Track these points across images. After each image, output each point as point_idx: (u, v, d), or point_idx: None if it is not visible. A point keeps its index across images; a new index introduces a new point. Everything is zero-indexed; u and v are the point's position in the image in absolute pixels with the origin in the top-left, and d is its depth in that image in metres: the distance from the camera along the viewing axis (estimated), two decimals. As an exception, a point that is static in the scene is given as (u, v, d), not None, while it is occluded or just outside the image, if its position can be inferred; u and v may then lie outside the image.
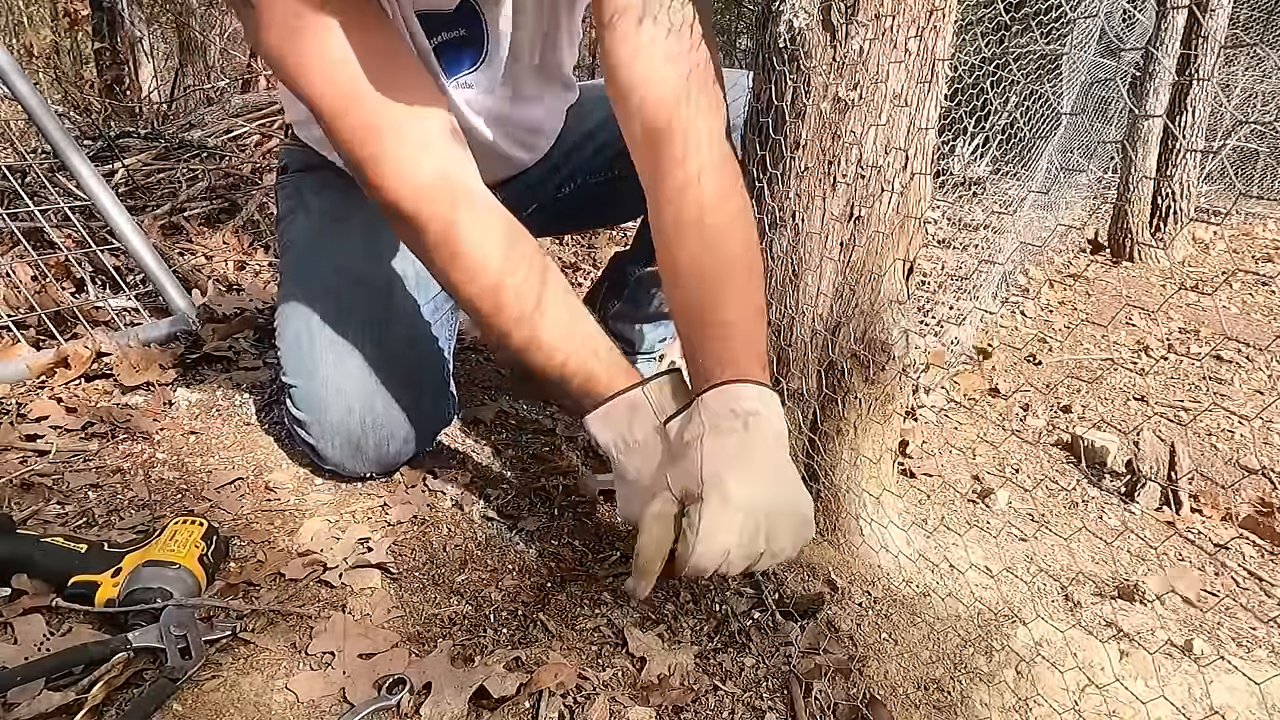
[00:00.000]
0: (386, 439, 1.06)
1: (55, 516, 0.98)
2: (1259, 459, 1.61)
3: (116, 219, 1.59)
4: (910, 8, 0.85)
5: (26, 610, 0.81)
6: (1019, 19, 2.44)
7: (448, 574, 0.96)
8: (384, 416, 1.05)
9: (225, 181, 2.57)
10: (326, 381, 1.05)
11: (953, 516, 1.21)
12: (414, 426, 1.08)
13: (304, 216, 1.21)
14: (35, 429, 1.16)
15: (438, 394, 1.13)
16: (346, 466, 1.07)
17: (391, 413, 1.06)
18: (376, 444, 1.06)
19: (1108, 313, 2.67)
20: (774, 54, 0.89)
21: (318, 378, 1.05)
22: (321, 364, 1.05)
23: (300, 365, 1.07)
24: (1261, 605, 1.14)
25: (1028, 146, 3.01)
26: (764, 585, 0.94)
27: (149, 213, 2.22)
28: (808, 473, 0.98)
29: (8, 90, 1.55)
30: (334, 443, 1.05)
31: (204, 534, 0.88)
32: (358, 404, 1.04)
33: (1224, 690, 0.86)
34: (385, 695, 0.75)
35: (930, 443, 1.49)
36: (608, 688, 0.79)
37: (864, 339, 0.93)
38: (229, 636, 0.81)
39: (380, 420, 1.05)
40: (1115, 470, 1.50)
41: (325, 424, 1.05)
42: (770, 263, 0.95)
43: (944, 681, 0.82)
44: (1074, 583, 1.06)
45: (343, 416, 1.04)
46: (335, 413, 1.04)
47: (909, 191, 0.91)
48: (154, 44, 7.10)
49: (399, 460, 1.10)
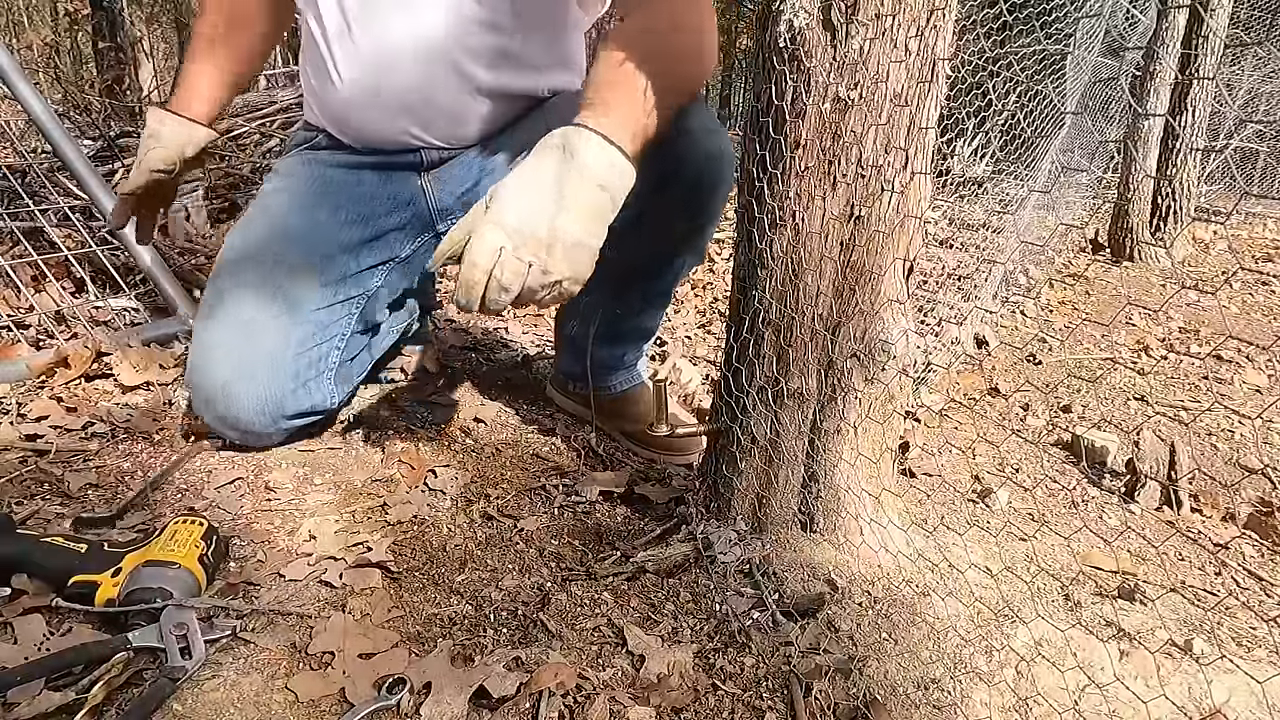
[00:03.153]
0: (237, 404, 1.10)
1: (55, 516, 0.98)
2: (1259, 459, 1.61)
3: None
4: (910, 7, 0.85)
5: (26, 610, 0.81)
6: (1021, 19, 2.44)
7: (448, 574, 0.96)
8: (235, 385, 1.09)
9: (225, 181, 2.57)
10: (201, 334, 1.12)
11: (953, 516, 1.21)
12: (267, 399, 1.11)
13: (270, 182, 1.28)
14: (35, 429, 1.16)
15: (297, 376, 1.13)
16: (207, 420, 1.13)
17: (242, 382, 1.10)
18: (225, 406, 1.10)
19: (1108, 312, 2.67)
20: (774, 54, 0.89)
21: (200, 332, 1.12)
22: (207, 318, 1.13)
23: (200, 317, 1.14)
24: (1261, 605, 1.14)
25: (1029, 146, 3.01)
26: (764, 585, 0.94)
27: (149, 212, 2.22)
28: (807, 473, 0.98)
29: (7, 90, 1.55)
30: (195, 395, 1.12)
31: (204, 534, 0.88)
32: (219, 364, 1.09)
33: (1224, 690, 0.86)
34: (385, 695, 0.75)
35: (930, 443, 1.49)
36: (608, 688, 0.79)
37: (864, 339, 0.93)
38: (229, 636, 0.81)
39: (232, 388, 1.09)
40: (1115, 470, 1.50)
41: (190, 374, 1.12)
42: (770, 262, 0.95)
43: (944, 681, 0.82)
44: (1074, 582, 1.05)
45: (202, 370, 1.10)
46: (196, 362, 1.11)
47: (909, 191, 0.91)
48: (154, 44, 7.10)
49: (254, 428, 1.12)
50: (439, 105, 1.18)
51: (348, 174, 1.23)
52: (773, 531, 1.01)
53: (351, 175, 1.23)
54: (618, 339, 1.35)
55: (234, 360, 1.09)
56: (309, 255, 1.16)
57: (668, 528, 1.06)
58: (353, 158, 1.23)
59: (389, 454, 1.19)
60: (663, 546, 1.02)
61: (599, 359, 1.36)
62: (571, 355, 1.40)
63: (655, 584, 0.96)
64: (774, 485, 1.00)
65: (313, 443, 1.21)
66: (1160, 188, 3.58)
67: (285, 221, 1.18)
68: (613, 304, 1.31)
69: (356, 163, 1.23)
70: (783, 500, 1.00)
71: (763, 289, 0.95)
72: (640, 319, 1.36)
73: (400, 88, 1.16)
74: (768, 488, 1.01)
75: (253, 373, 1.09)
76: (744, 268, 0.99)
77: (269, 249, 1.15)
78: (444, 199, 1.26)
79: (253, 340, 1.10)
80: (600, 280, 1.31)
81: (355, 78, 1.16)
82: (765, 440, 0.99)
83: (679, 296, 2.44)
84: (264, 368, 1.10)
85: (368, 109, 1.18)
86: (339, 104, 1.19)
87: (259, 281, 1.13)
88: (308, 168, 1.24)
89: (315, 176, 1.23)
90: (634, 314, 1.34)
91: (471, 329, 1.90)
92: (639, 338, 1.39)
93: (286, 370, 1.11)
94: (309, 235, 1.17)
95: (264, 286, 1.13)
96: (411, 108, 1.17)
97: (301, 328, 1.13)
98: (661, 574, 0.97)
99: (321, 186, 1.22)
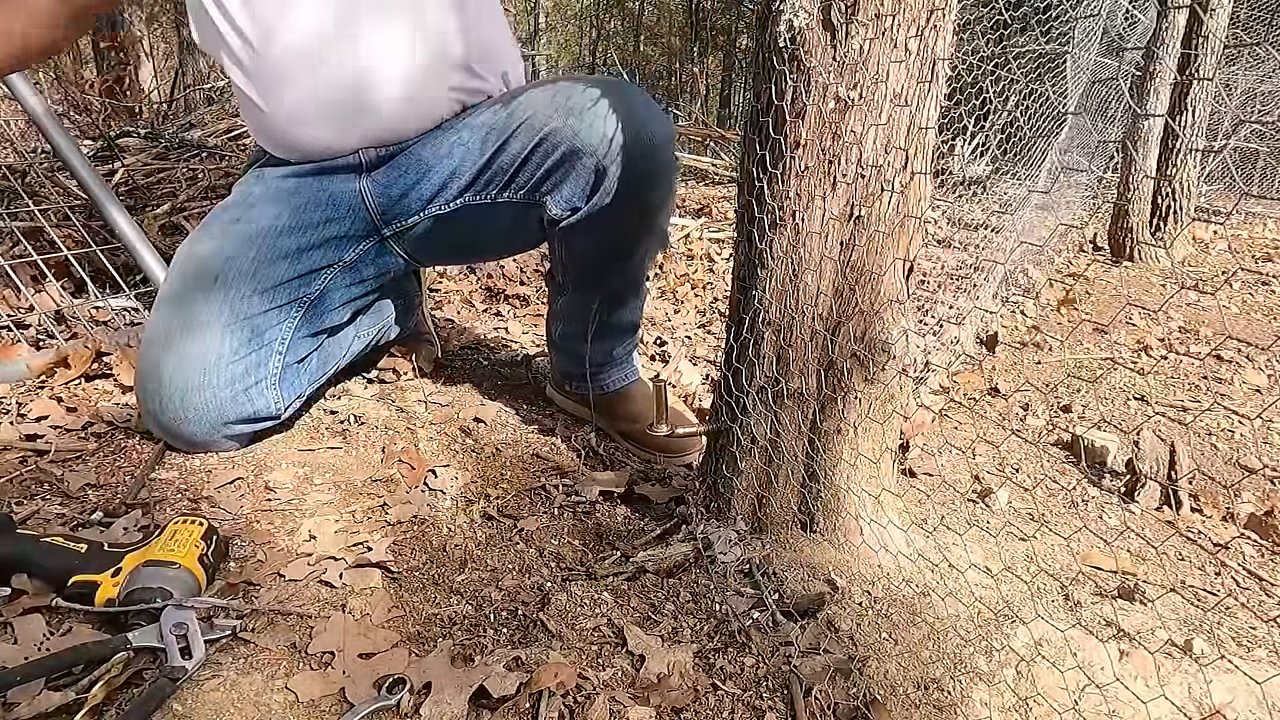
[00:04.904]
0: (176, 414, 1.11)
1: (55, 516, 0.98)
2: (1259, 459, 1.61)
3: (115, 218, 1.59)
4: (910, 7, 0.85)
5: (26, 610, 0.81)
6: (1019, 18, 2.44)
7: (448, 574, 0.96)
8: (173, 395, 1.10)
9: (225, 181, 2.57)
10: (143, 348, 1.13)
11: (953, 516, 1.21)
12: (204, 407, 1.11)
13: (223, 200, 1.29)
14: (35, 429, 1.16)
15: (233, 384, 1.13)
16: (155, 432, 1.15)
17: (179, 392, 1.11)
18: (164, 416, 1.11)
19: (1108, 312, 2.67)
20: (774, 54, 0.89)
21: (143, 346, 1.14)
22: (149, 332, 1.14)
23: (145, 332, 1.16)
24: (1261, 605, 1.14)
25: (1028, 146, 3.01)
26: (764, 585, 0.94)
27: (149, 212, 2.22)
28: (807, 473, 0.99)
29: (7, 90, 1.55)
30: (142, 407, 1.13)
31: (204, 534, 0.88)
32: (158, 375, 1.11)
33: (1224, 690, 0.86)
34: (385, 695, 0.75)
35: (930, 443, 1.49)
36: (608, 688, 0.79)
37: (864, 339, 0.93)
38: (229, 636, 0.81)
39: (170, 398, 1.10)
40: (1115, 470, 1.50)
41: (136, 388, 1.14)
42: (770, 262, 0.95)
43: (944, 681, 0.82)
44: (1074, 582, 1.06)
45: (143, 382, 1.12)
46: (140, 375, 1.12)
47: (909, 191, 0.91)
48: (154, 44, 7.10)
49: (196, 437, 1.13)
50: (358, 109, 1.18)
51: (287, 182, 1.24)
52: (773, 531, 1.01)
53: (291, 183, 1.23)
54: (602, 335, 1.35)
55: (170, 370, 1.10)
56: (245, 263, 1.16)
57: (668, 528, 1.06)
58: (293, 168, 1.24)
59: (389, 454, 1.19)
60: (663, 546, 1.02)
61: (591, 356, 1.36)
62: (563, 357, 1.41)
63: (655, 584, 0.96)
64: (774, 485, 1.00)
65: (313, 442, 1.21)
66: (1160, 188, 3.58)
67: (225, 232, 1.19)
68: (587, 300, 1.31)
69: (295, 172, 1.24)
70: (783, 500, 1.00)
71: (763, 289, 0.95)
72: (619, 312, 1.35)
73: (310, 94, 1.16)
74: (768, 488, 1.01)
75: (187, 382, 1.10)
76: (744, 268, 0.99)
77: (207, 260, 1.16)
78: (383, 202, 1.24)
79: (187, 349, 1.11)
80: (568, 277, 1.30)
81: (273, 96, 1.17)
82: (765, 440, 0.99)
83: (679, 296, 2.44)
84: (197, 376, 1.10)
85: (292, 124, 1.19)
86: (266, 125, 1.21)
87: (194, 291, 1.14)
88: (255, 184, 1.25)
89: (260, 190, 1.24)
90: (610, 307, 1.33)
91: (471, 329, 1.90)
92: (623, 332, 1.38)
93: (221, 377, 1.11)
94: (246, 244, 1.18)
95: (198, 296, 1.14)
96: (328, 112, 1.18)
97: (235, 336, 1.13)
98: (661, 574, 0.97)
99: (262, 197, 1.23)
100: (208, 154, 2.74)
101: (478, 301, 2.17)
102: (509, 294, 2.23)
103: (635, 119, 1.15)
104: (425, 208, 1.24)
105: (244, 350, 1.14)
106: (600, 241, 1.23)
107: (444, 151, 1.22)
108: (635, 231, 1.24)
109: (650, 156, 1.16)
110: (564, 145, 1.15)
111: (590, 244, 1.24)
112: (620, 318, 1.36)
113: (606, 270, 1.29)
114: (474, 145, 1.21)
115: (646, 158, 1.16)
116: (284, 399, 1.19)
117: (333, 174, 1.23)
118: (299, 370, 1.23)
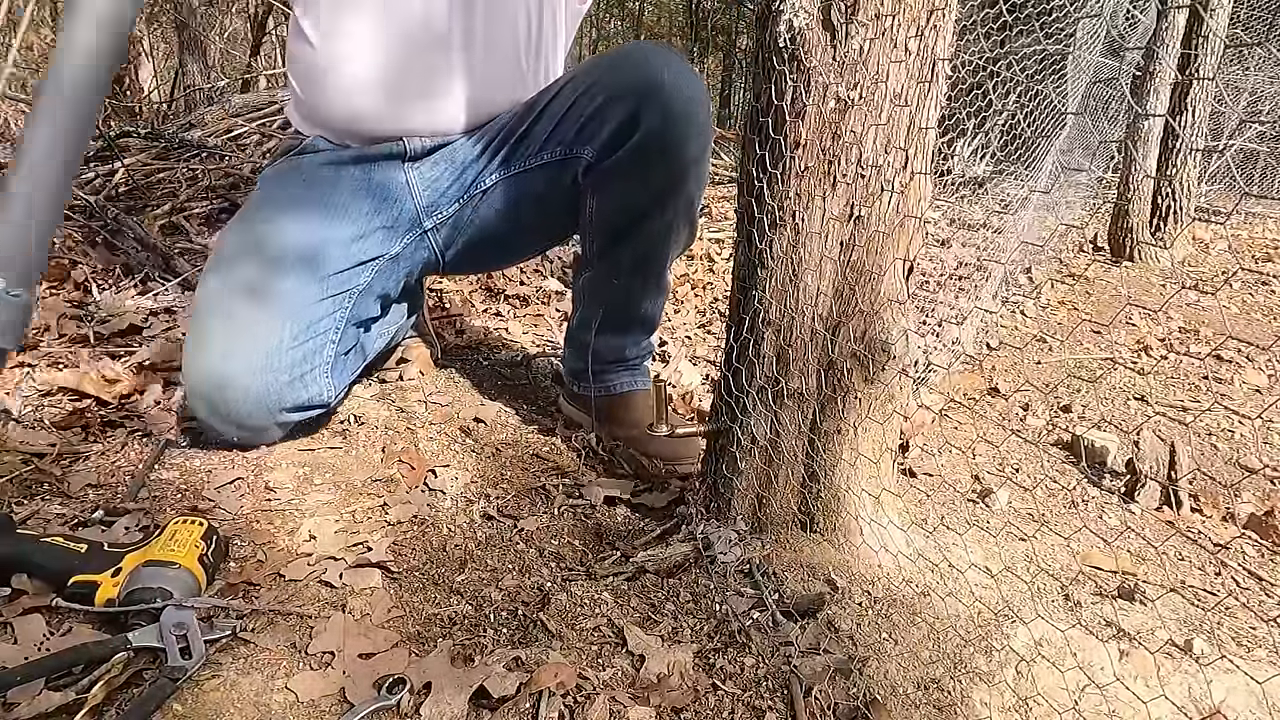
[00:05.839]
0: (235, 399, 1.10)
1: (55, 516, 0.98)
2: (1259, 459, 1.61)
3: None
4: (910, 7, 0.85)
5: (26, 610, 0.81)
6: (1021, 19, 2.44)
7: (448, 574, 0.96)
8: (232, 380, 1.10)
9: (225, 181, 2.57)
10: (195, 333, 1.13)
11: (953, 516, 1.21)
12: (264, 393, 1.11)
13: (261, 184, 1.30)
14: (35, 429, 1.16)
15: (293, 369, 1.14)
16: (203, 419, 1.13)
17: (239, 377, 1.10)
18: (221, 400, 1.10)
19: (1108, 312, 2.66)
20: (774, 54, 0.89)
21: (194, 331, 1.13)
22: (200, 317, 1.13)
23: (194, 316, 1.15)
24: (1261, 605, 1.14)
25: (1029, 146, 3.01)
26: (764, 585, 0.94)
27: (149, 212, 2.22)
28: (807, 473, 0.98)
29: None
30: (191, 394, 1.12)
31: (204, 534, 0.88)
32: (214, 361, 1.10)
33: (1224, 690, 0.86)
34: (385, 695, 0.75)
35: (930, 443, 1.49)
36: (608, 688, 0.79)
37: (864, 339, 0.93)
38: (229, 636, 0.81)
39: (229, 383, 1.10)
40: (1115, 470, 1.50)
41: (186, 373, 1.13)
42: (770, 262, 0.95)
43: (944, 681, 0.82)
44: (1074, 582, 1.06)
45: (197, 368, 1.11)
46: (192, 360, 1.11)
47: (909, 191, 0.91)
48: (154, 44, 7.10)
49: (251, 422, 1.12)
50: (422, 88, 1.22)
51: (334, 171, 1.24)
52: (773, 531, 1.01)
53: (338, 172, 1.24)
54: (616, 325, 1.35)
55: (229, 356, 1.10)
56: (300, 252, 1.17)
57: (668, 528, 1.06)
58: (337, 155, 1.25)
59: (389, 454, 1.19)
60: (663, 546, 1.02)
61: (601, 351, 1.36)
62: (573, 351, 1.40)
63: (655, 584, 0.96)
64: (774, 485, 1.00)
65: (313, 442, 1.21)
66: (1160, 188, 3.58)
67: (275, 220, 1.19)
68: (608, 274, 1.31)
69: (340, 159, 1.25)
70: (783, 500, 1.00)
71: (763, 289, 0.95)
72: (637, 297, 1.34)
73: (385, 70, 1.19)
74: (768, 488, 1.01)
75: (249, 367, 1.10)
76: (744, 268, 0.99)
77: (260, 247, 1.17)
78: (429, 194, 1.27)
79: (247, 336, 1.11)
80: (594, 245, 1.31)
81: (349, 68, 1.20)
82: (765, 440, 0.99)
83: (679, 296, 2.44)
84: (260, 361, 1.10)
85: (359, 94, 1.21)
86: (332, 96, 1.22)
87: (251, 279, 1.14)
88: (296, 170, 1.26)
89: (303, 177, 1.24)
90: (629, 289, 1.33)
91: (471, 329, 1.90)
92: (640, 327, 1.37)
93: (282, 363, 1.12)
94: (299, 233, 1.18)
95: (256, 283, 1.14)
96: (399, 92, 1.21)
97: (295, 322, 1.14)
98: (661, 574, 0.97)
99: (309, 186, 1.23)
100: (208, 154, 2.74)
101: (478, 301, 2.17)
102: (509, 294, 2.23)
103: (672, 72, 1.18)
104: (467, 191, 1.28)
105: (303, 337, 1.15)
106: (630, 195, 1.24)
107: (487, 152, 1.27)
108: (667, 185, 1.24)
109: (685, 110, 1.19)
110: (602, 93, 1.20)
111: (620, 197, 1.25)
112: (637, 305, 1.35)
113: (633, 231, 1.27)
114: (513, 120, 1.27)
115: (682, 111, 1.19)
116: (336, 387, 1.20)
117: (373, 161, 1.25)
118: (346, 360, 1.25)
